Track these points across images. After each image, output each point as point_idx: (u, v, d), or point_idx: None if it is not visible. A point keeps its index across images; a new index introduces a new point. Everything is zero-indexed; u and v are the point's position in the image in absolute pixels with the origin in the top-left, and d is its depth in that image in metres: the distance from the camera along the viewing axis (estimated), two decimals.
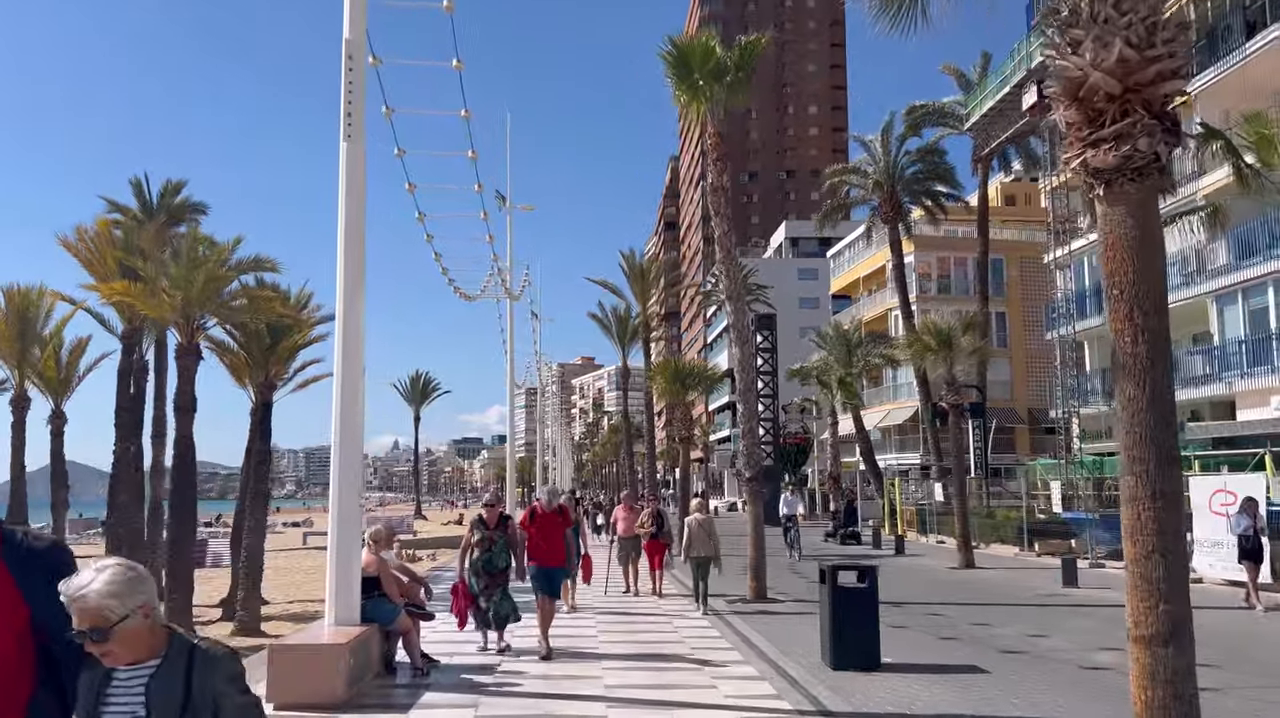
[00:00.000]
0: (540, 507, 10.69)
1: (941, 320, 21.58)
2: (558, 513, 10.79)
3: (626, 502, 16.84)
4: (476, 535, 10.27)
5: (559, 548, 10.66)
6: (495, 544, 10.19)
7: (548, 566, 10.45)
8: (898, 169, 40.16)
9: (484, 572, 10.16)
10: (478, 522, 10.39)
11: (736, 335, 15.71)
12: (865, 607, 9.68)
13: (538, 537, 10.44)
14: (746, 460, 15.55)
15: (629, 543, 15.91)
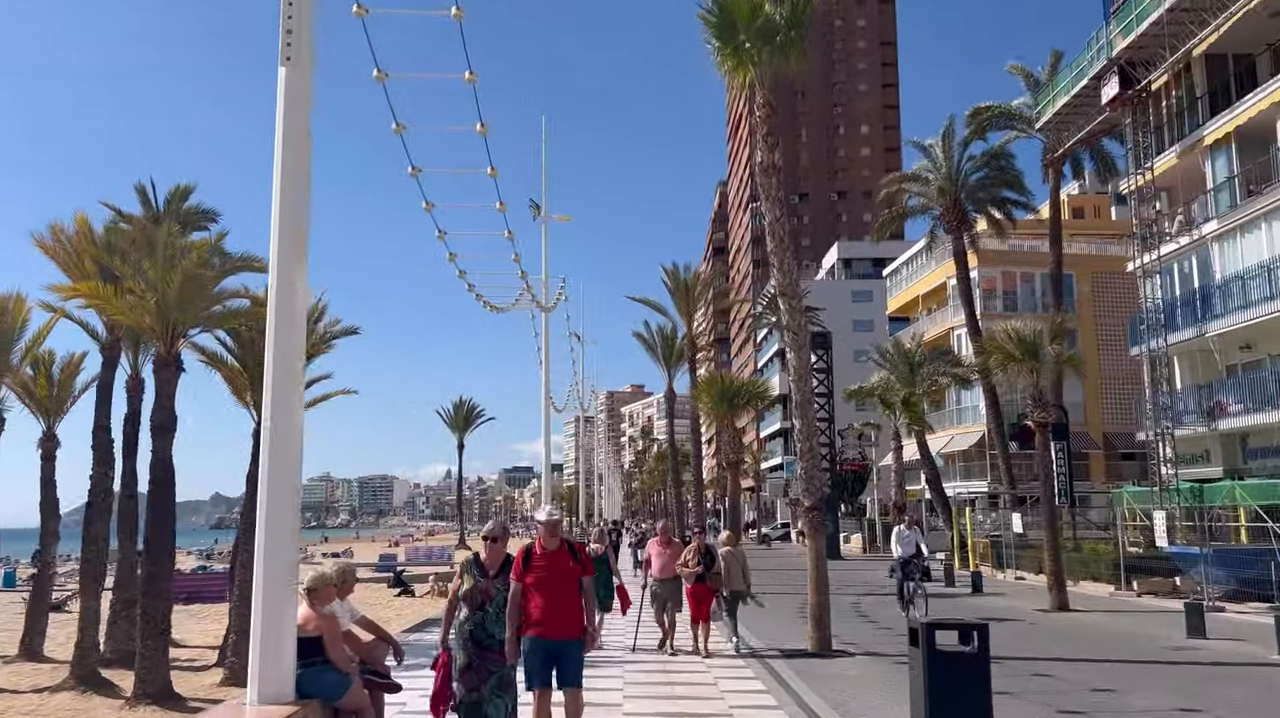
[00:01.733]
0: (540, 542, 6.89)
1: (1024, 327, 19.00)
2: (569, 553, 6.86)
3: (663, 534, 13.49)
4: (466, 584, 6.79)
5: (571, 607, 6.74)
6: (493, 601, 6.76)
7: (552, 637, 6.64)
8: (961, 175, 37.54)
9: (474, 643, 6.71)
10: (471, 564, 6.96)
11: (792, 339, 13.36)
12: (973, 678, 7.24)
13: (536, 590, 6.69)
14: (806, 486, 13.15)
15: (667, 587, 12.83)
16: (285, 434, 6.92)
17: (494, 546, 7.03)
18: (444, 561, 49.07)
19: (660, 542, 13.29)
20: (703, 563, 12.47)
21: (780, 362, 73.94)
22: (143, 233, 15.52)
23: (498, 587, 6.83)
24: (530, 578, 6.75)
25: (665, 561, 12.86)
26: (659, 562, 12.96)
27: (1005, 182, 37.31)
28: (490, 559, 6.98)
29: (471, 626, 6.78)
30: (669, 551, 12.98)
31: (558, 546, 6.88)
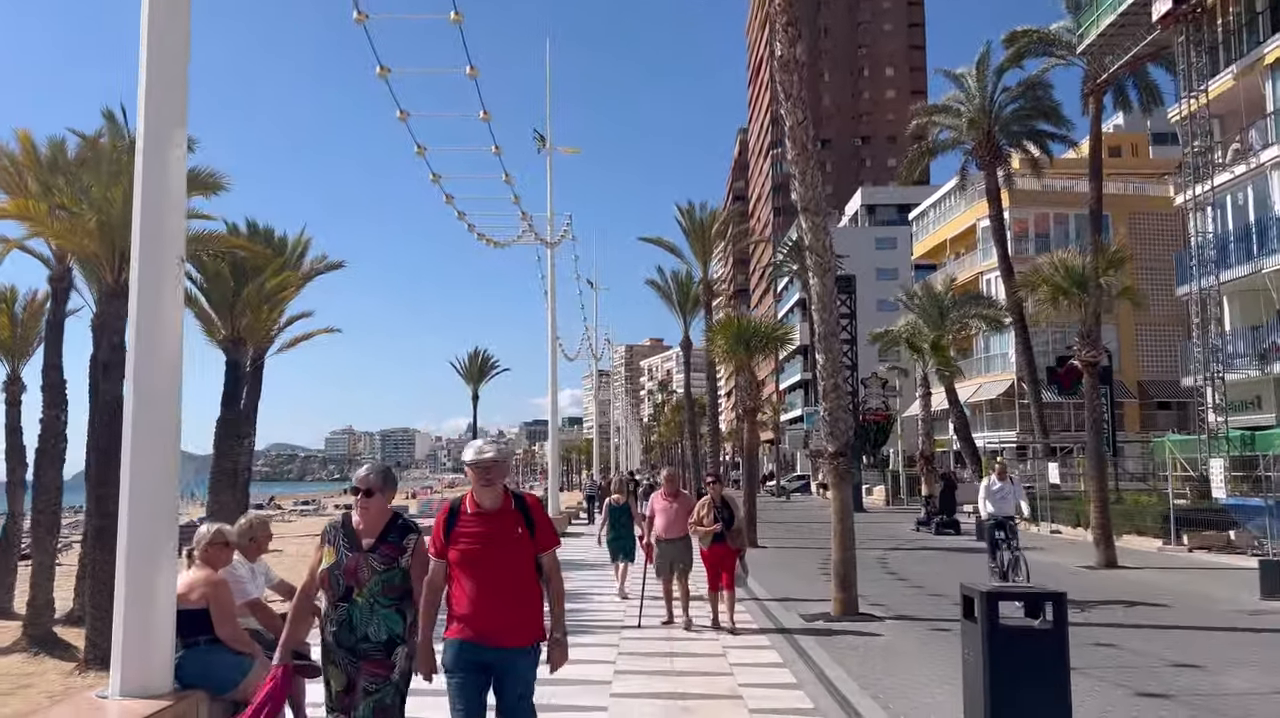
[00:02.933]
0: (471, 497, 4.49)
1: (1071, 258, 17.19)
2: (518, 513, 4.46)
3: (668, 484, 10.98)
4: (327, 561, 4.55)
5: (520, 598, 4.39)
6: (365, 587, 4.46)
7: (487, 642, 4.33)
8: (995, 107, 35.29)
9: (341, 648, 4.51)
10: (336, 529, 4.61)
11: (816, 263, 11.66)
12: (1046, 660, 5.67)
13: (464, 570, 4.38)
14: (830, 430, 11.54)
15: (674, 548, 10.61)
16: (155, 343, 5.37)
17: (367, 501, 4.49)
18: None
19: (665, 493, 10.84)
20: (721, 519, 10.16)
21: (801, 312, 71.92)
22: (93, 150, 13.95)
23: (374, 565, 4.42)
24: (456, 551, 4.33)
25: (672, 517, 10.59)
26: (664, 518, 10.63)
27: (1042, 112, 35.04)
28: (364, 522, 4.51)
29: (335, 624, 4.45)
30: (676, 504, 10.67)
31: (499, 502, 4.40)
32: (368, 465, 4.74)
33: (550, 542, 4.53)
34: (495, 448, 4.49)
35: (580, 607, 12.57)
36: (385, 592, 4.48)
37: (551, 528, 4.56)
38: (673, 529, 10.61)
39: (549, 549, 4.51)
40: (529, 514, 4.48)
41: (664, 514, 10.71)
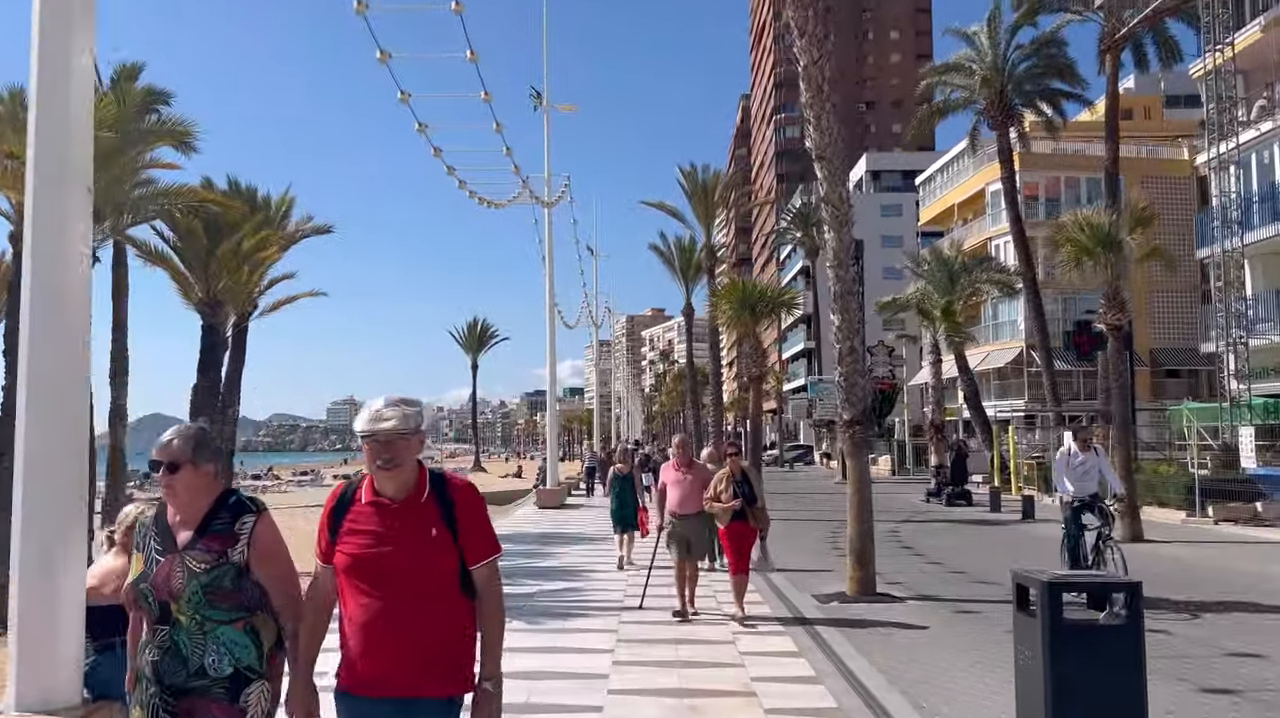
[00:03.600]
0: (369, 483, 3.00)
1: (1097, 216, 16.24)
2: (433, 505, 2.94)
3: (680, 454, 9.73)
4: (133, 572, 3.16)
5: (437, 629, 2.89)
6: (185, 601, 3.00)
7: (384, 692, 2.89)
8: (1008, 65, 34.09)
9: (159, 683, 3.01)
10: (148, 527, 3.21)
11: (831, 214, 10.73)
12: (1121, 662, 4.82)
13: (355, 584, 2.92)
14: (846, 396, 10.67)
15: (688, 525, 9.39)
16: (58, 292, 4.47)
17: (173, 478, 3.09)
18: None
19: (678, 464, 9.63)
20: (741, 494, 8.91)
21: (805, 280, 70.88)
22: None
23: (191, 566, 3.01)
24: (343, 556, 2.95)
25: (686, 490, 9.38)
26: (677, 492, 9.43)
27: (1057, 70, 33.81)
28: (177, 508, 3.14)
29: (156, 653, 3.03)
30: (691, 476, 9.47)
31: (407, 490, 2.95)
32: (173, 430, 3.21)
33: (485, 548, 2.98)
34: (399, 412, 2.92)
35: (577, 585, 11.78)
36: (212, 601, 2.97)
37: (487, 529, 3.03)
38: (687, 504, 9.36)
39: (485, 560, 2.96)
40: (453, 509, 2.94)
41: (677, 487, 9.47)
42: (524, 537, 18.03)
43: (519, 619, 9.40)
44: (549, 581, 12.04)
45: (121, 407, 19.45)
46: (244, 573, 3.05)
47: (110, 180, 11.88)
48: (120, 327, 20.00)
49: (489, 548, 3.02)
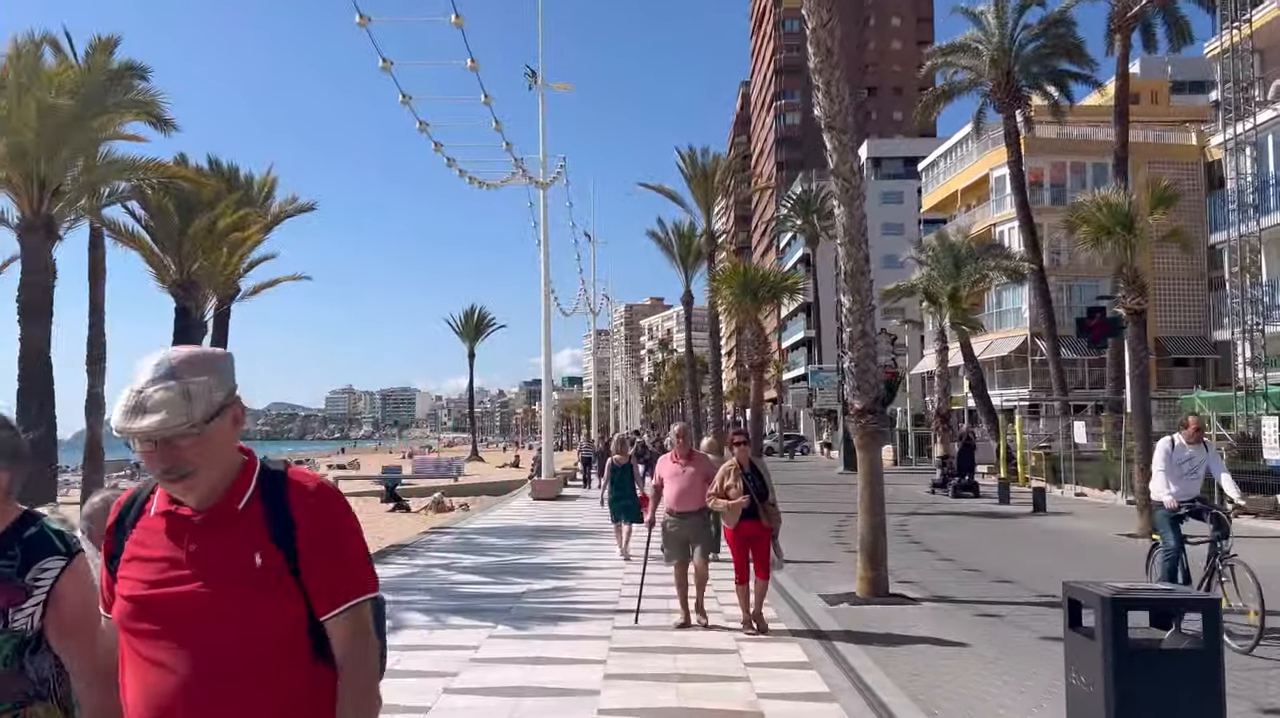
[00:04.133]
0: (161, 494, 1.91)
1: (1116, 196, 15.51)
2: (263, 518, 1.86)
3: (680, 444, 8.66)
4: None
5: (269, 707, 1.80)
6: None
7: None
8: (1016, 45, 33.28)
9: None
10: None
11: (841, 188, 9.97)
12: (1197, 693, 4.11)
13: (139, 647, 1.84)
14: (858, 383, 9.94)
15: (688, 524, 8.36)
16: None
17: None
18: (452, 473, 46.73)
19: (676, 455, 8.55)
20: (751, 490, 7.81)
21: (805, 268, 70.08)
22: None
23: None
24: (120, 599, 1.89)
25: (685, 484, 8.29)
26: (675, 485, 8.33)
27: (1065, 50, 33.01)
28: None
29: None
30: (691, 468, 8.40)
31: (211, 499, 1.87)
32: None
33: (345, 587, 1.91)
34: (171, 394, 1.78)
35: (569, 583, 11.07)
36: None
37: (353, 555, 1.96)
38: (686, 500, 8.27)
39: (344, 606, 1.88)
40: (292, 528, 1.87)
41: (675, 481, 8.33)
42: (516, 530, 17.33)
43: (505, 624, 8.71)
44: (539, 578, 11.34)
45: (99, 394, 18.72)
46: (33, 645, 2.10)
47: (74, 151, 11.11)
48: (97, 311, 19.24)
49: (352, 586, 1.90)
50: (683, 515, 8.35)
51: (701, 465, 8.49)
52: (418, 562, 13.06)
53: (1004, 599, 9.89)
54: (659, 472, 8.65)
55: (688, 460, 8.55)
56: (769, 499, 7.94)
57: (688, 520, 8.35)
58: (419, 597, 10.16)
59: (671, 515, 8.42)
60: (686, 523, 8.35)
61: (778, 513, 8.07)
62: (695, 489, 8.29)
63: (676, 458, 8.57)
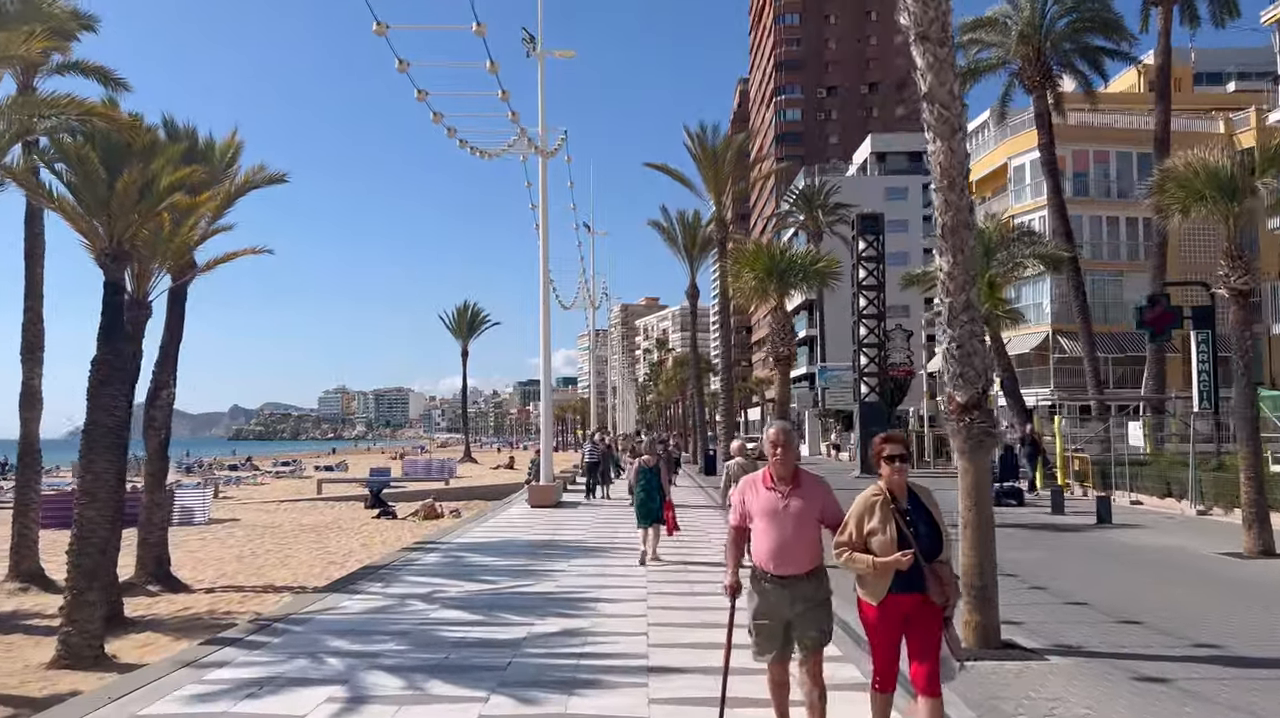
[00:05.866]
0: None
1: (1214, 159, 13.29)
2: None
3: (777, 456, 5.10)
4: None
5: None
6: None
7: None
8: (1047, 21, 31.09)
9: None
10: None
11: (937, 118, 7.70)
12: None
13: None
14: (961, 370, 7.66)
15: (788, 598, 4.99)
16: None
17: None
18: (444, 476, 44.40)
19: (773, 478, 5.10)
20: (912, 539, 4.71)
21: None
22: None
23: None
24: None
25: (794, 527, 4.99)
26: (775, 529, 5.01)
27: (1101, 26, 30.79)
28: None
29: None
30: (799, 500, 5.03)
31: None
32: None
33: None
34: None
35: (582, 625, 8.68)
36: None
37: None
38: (794, 554, 4.95)
39: None
40: None
41: (774, 521, 4.99)
42: (511, 546, 15.00)
43: (502, 693, 6.40)
44: (543, 616, 9.03)
45: (34, 388, 16.42)
46: None
47: None
48: (35, 294, 16.98)
49: None
50: (787, 581, 4.97)
51: (816, 494, 5.08)
52: (394, 590, 10.74)
53: (1151, 651, 7.62)
54: (744, 502, 5.15)
55: (792, 486, 5.04)
56: (943, 556, 4.75)
57: (795, 589, 4.97)
58: (388, 645, 7.84)
59: (769, 580, 5.01)
60: (793, 592, 4.97)
61: (953, 575, 4.85)
62: (808, 535, 5.00)
63: (772, 481, 5.08)
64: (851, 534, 4.85)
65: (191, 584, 14.92)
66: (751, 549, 5.15)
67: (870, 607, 4.80)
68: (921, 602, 4.69)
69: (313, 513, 29.44)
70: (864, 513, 4.84)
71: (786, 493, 5.04)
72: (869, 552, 4.75)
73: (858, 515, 4.86)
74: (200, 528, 24.45)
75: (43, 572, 15.31)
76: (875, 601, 4.76)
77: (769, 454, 5.11)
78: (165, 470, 15.79)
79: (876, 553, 4.72)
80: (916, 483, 4.93)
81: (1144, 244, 43.40)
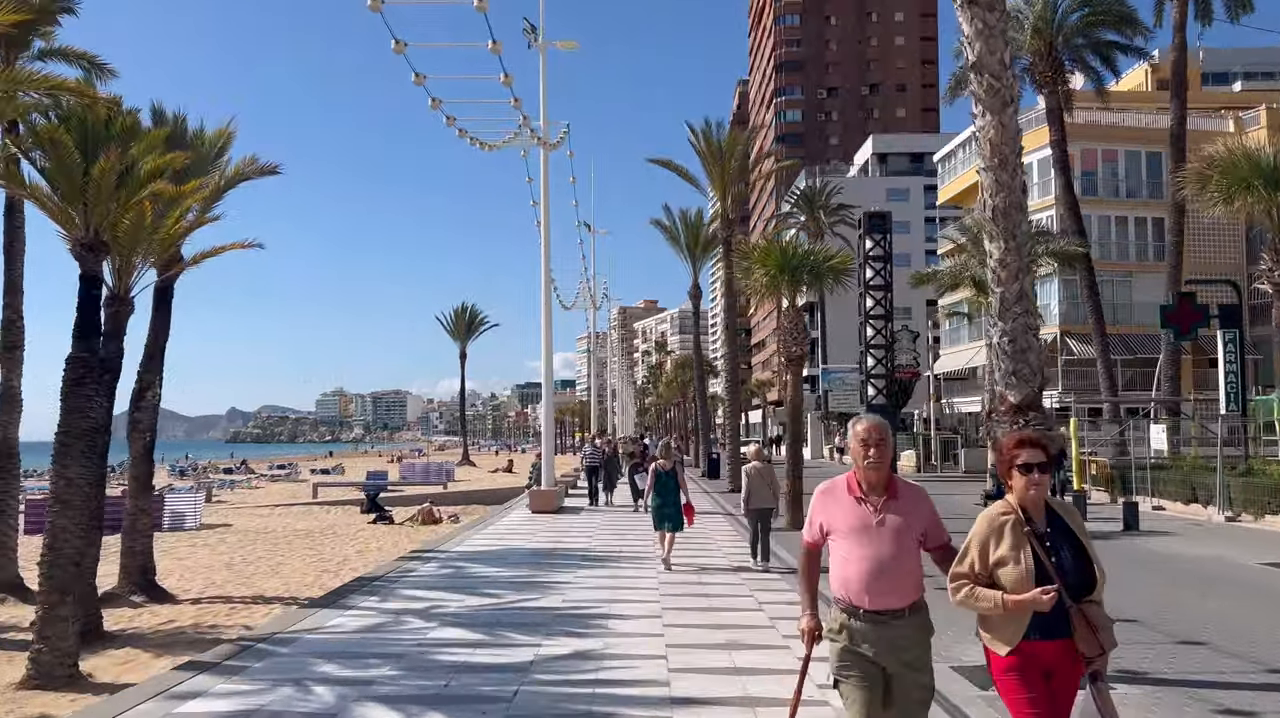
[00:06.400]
0: None
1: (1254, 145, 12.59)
2: None
3: (869, 459, 3.90)
4: None
5: None
6: None
7: None
8: (1059, 15, 30.46)
9: None
10: None
11: (987, 89, 7.00)
12: None
13: None
14: (1014, 367, 6.94)
15: (896, 638, 3.84)
16: None
17: None
18: (442, 479, 43.64)
19: (862, 486, 3.94)
20: (1055, 571, 3.63)
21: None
22: None
23: None
24: None
25: (892, 550, 3.84)
26: (869, 553, 3.83)
27: (1115, 20, 30.14)
28: None
29: None
30: (897, 516, 3.88)
31: None
32: None
33: None
34: None
35: (595, 646, 7.93)
36: None
37: None
38: (894, 585, 3.84)
39: None
40: None
41: (865, 541, 3.87)
42: (513, 555, 14.27)
43: None
44: (551, 634, 8.31)
45: (14, 389, 15.69)
46: None
47: None
48: (14, 291, 16.25)
49: None
50: (885, 617, 3.83)
51: (918, 509, 3.97)
52: (389, 605, 10.01)
53: (1224, 678, 6.91)
54: (823, 518, 4.00)
55: (887, 497, 3.93)
56: (1095, 594, 3.70)
57: (895, 628, 3.84)
58: (382, 671, 7.11)
59: (861, 617, 3.85)
60: (893, 633, 3.84)
61: (1107, 619, 3.68)
62: (910, 560, 3.89)
63: (861, 490, 3.95)
64: (973, 564, 3.73)
65: (178, 595, 14.20)
66: (832, 578, 3.97)
67: (1000, 657, 3.71)
68: (1062, 649, 3.63)
69: (307, 518, 28.74)
70: (990, 537, 3.73)
71: (880, 506, 3.90)
72: (996, 586, 3.68)
73: (981, 540, 3.75)
74: (191, 534, 23.76)
75: (22, 581, 14.59)
76: (1006, 649, 3.66)
77: (857, 456, 3.96)
78: (150, 474, 15.06)
79: (1008, 589, 3.64)
80: (1057, 500, 3.97)
81: (1153, 244, 42.86)
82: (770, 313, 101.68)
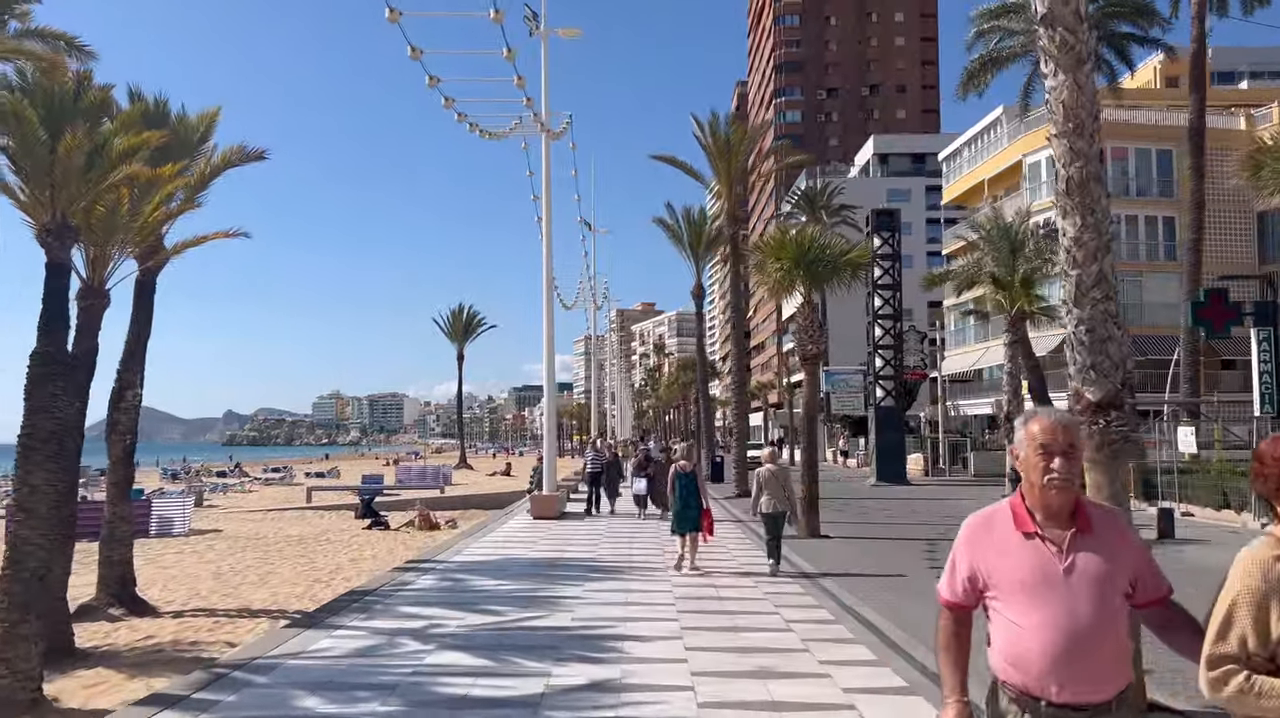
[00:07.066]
0: None
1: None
2: None
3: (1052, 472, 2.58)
4: None
5: None
6: None
7: None
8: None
9: None
10: None
11: (1060, 45, 6.17)
12: None
13: None
14: (1093, 360, 6.07)
15: None
16: None
17: None
18: (439, 483, 42.76)
19: (1032, 517, 2.60)
20: None
21: None
22: None
23: None
24: None
25: (1088, 612, 2.51)
26: (1049, 619, 2.51)
27: (1132, 9, 29.35)
28: None
29: None
30: (1095, 555, 2.56)
31: None
32: None
33: None
34: None
35: (612, 676, 7.04)
36: None
37: None
38: (1090, 666, 2.51)
39: None
40: None
41: (1042, 596, 2.55)
42: (515, 566, 13.39)
43: None
44: (562, 660, 7.45)
45: None
46: None
47: None
48: None
49: None
50: (1081, 716, 2.53)
51: (1121, 544, 2.65)
52: (382, 623, 9.12)
53: None
54: (978, 565, 2.67)
55: (1075, 531, 2.60)
56: None
57: None
58: (372, 706, 6.24)
59: (1041, 715, 2.55)
60: None
61: None
62: (1116, 625, 2.58)
63: (1034, 520, 2.62)
64: (1245, 639, 2.36)
65: (159, 607, 13.29)
66: (995, 654, 2.65)
67: None
68: None
69: (301, 523, 27.83)
70: (1271, 595, 2.35)
71: (1067, 545, 2.58)
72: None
73: (1255, 599, 2.36)
74: (179, 540, 22.86)
75: None
76: None
77: (1033, 466, 2.61)
78: (130, 479, 14.21)
79: None
80: None
81: (1164, 244, 42.11)
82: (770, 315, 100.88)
